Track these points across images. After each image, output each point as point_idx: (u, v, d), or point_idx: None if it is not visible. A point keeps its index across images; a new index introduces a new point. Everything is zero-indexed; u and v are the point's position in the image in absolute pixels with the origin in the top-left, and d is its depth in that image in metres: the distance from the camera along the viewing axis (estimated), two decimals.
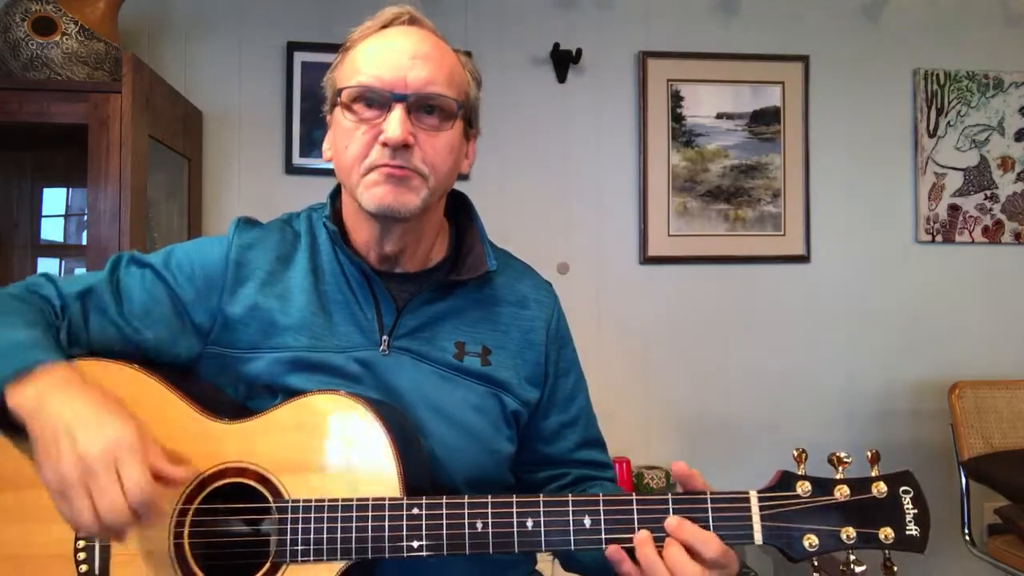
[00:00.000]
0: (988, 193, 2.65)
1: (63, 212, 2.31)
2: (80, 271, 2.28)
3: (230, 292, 1.02)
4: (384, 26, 0.99)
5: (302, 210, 1.11)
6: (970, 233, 2.64)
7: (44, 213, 2.28)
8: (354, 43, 1.00)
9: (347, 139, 0.97)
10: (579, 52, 2.45)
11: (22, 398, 0.83)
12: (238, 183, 2.39)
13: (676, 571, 0.82)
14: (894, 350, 2.61)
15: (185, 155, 2.21)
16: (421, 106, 0.96)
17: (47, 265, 2.30)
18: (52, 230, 2.30)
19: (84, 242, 2.09)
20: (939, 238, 2.63)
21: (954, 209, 2.64)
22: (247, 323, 1.00)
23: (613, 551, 0.84)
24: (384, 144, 0.94)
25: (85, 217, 2.11)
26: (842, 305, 2.60)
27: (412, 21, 1.01)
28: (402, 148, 0.94)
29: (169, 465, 0.84)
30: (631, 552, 0.85)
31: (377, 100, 0.95)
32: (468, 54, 1.02)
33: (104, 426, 0.80)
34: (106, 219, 1.80)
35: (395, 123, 0.93)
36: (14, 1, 1.90)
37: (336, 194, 1.08)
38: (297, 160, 2.38)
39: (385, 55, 0.95)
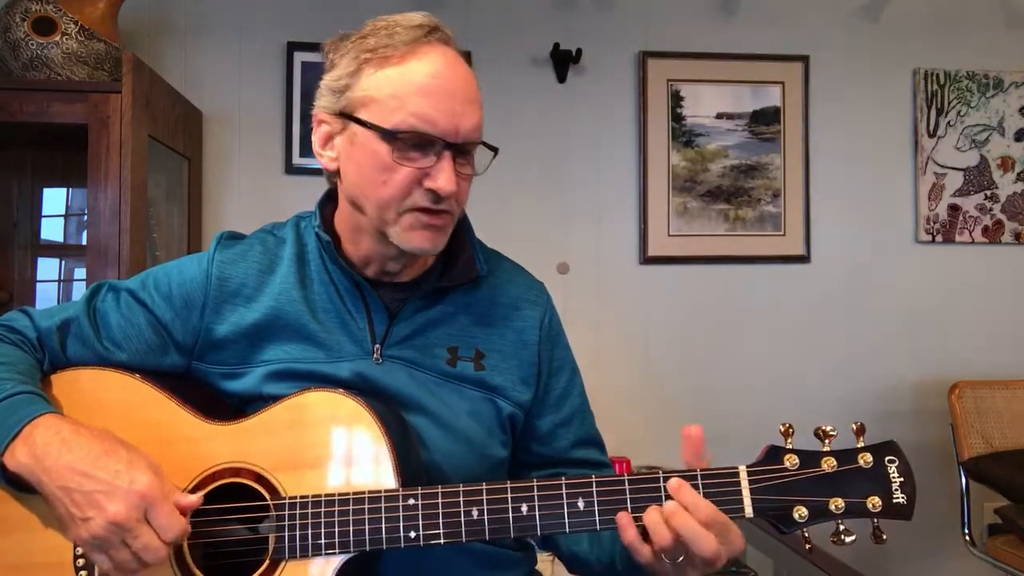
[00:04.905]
0: (988, 193, 2.65)
1: (63, 212, 2.31)
2: (78, 277, 2.29)
3: (213, 310, 1.01)
4: (416, 40, 0.93)
5: (288, 219, 1.10)
6: (970, 233, 2.64)
7: (44, 213, 2.28)
8: (387, 60, 0.93)
9: (384, 173, 0.93)
10: (579, 52, 2.45)
11: (18, 465, 0.85)
12: (238, 183, 2.39)
13: (680, 531, 0.82)
14: (894, 350, 2.61)
15: (185, 155, 2.21)
16: (463, 152, 0.96)
17: (47, 265, 2.30)
18: (52, 230, 2.30)
19: (84, 242, 2.09)
20: (939, 238, 2.63)
21: (954, 209, 2.64)
22: (235, 339, 1.00)
23: (622, 516, 0.85)
24: (431, 191, 0.93)
25: (85, 217, 2.11)
26: (842, 305, 2.60)
27: (446, 40, 0.96)
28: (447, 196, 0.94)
29: (183, 495, 0.87)
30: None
31: (428, 145, 0.93)
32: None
33: (121, 483, 0.82)
34: (106, 219, 1.80)
35: (449, 174, 0.93)
36: (14, 1, 1.90)
37: (325, 202, 1.06)
38: (297, 160, 2.38)
39: (438, 96, 0.92)
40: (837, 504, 0.85)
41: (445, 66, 0.93)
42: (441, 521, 0.87)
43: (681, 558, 0.83)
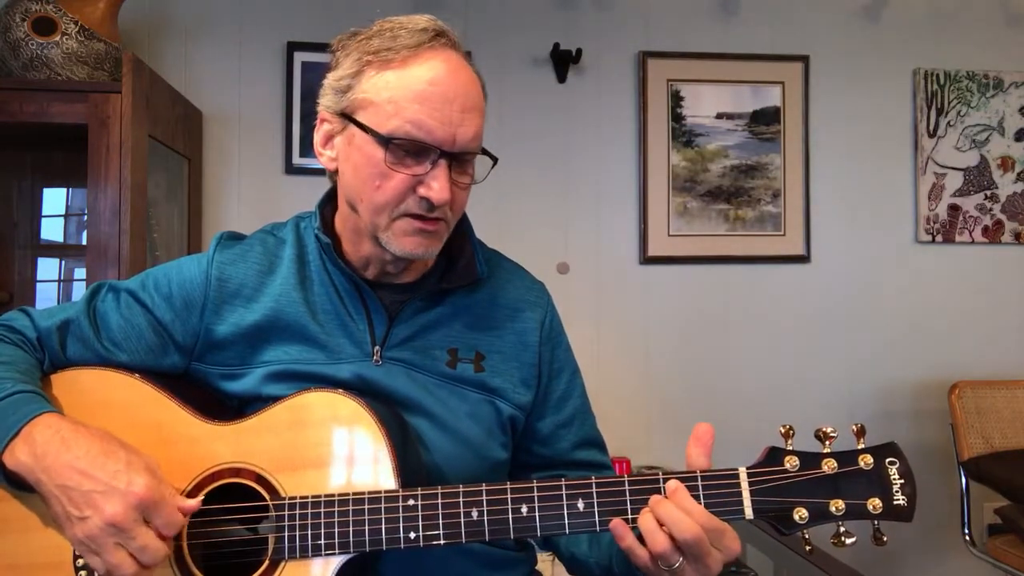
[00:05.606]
0: (988, 193, 2.65)
1: (63, 212, 2.31)
2: (78, 277, 2.29)
3: (213, 311, 1.01)
4: (419, 44, 0.92)
5: (288, 219, 1.10)
6: (970, 233, 2.64)
7: (44, 213, 2.28)
8: (388, 63, 0.92)
9: (378, 178, 0.93)
10: (579, 52, 2.45)
11: (17, 463, 0.85)
12: (238, 183, 2.39)
13: (673, 529, 0.82)
14: (894, 350, 2.61)
15: (185, 155, 2.21)
16: (461, 160, 0.95)
17: (47, 265, 2.30)
18: (52, 230, 2.30)
19: (84, 242, 2.09)
20: (939, 238, 2.63)
21: (954, 209, 2.64)
22: (234, 340, 1.00)
23: (617, 524, 0.85)
24: (425, 199, 0.93)
25: (85, 217, 2.11)
26: (842, 305, 2.60)
27: (450, 45, 0.95)
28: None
29: (181, 498, 0.87)
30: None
31: (423, 152, 0.92)
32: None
33: (119, 484, 0.82)
34: (106, 219, 1.80)
35: (443, 183, 0.92)
36: (14, 1, 1.90)
37: (324, 203, 1.06)
38: (297, 160, 2.38)
39: (436, 104, 0.91)
40: (837, 506, 0.85)
41: (446, 73, 0.92)
42: (441, 522, 0.86)
43: (677, 563, 0.83)
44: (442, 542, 0.86)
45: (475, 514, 0.87)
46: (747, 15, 2.57)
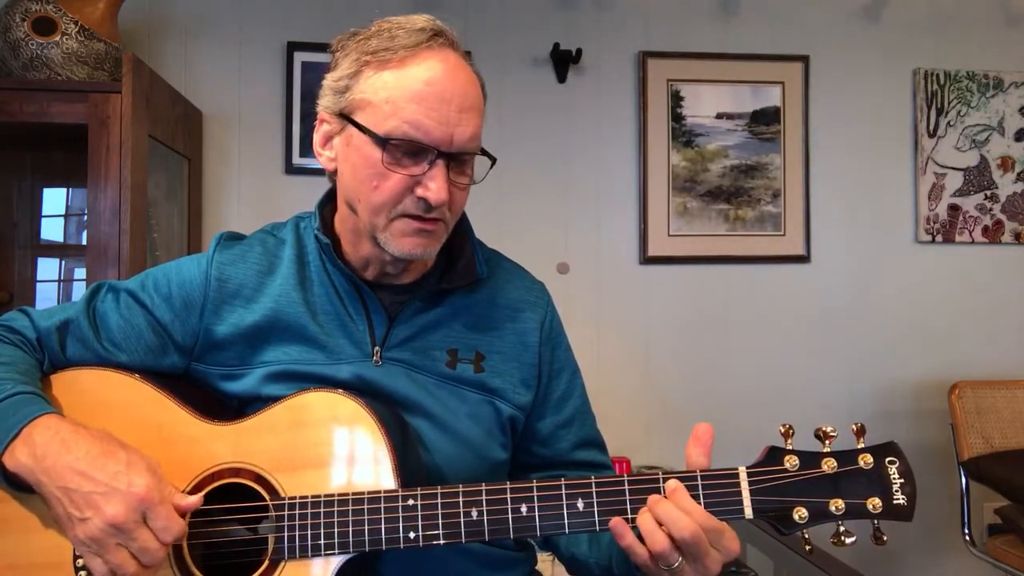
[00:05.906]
0: (988, 193, 2.65)
1: (63, 212, 2.31)
2: (78, 277, 2.29)
3: (212, 311, 1.01)
4: (417, 44, 0.92)
5: (288, 220, 1.10)
6: (970, 233, 2.64)
7: (44, 213, 2.28)
8: (386, 63, 0.92)
9: (376, 179, 0.93)
10: (579, 52, 2.45)
11: (17, 465, 0.85)
12: (238, 183, 2.39)
13: (671, 528, 0.82)
14: (894, 350, 2.61)
15: (185, 155, 2.21)
16: (459, 161, 0.95)
17: (47, 265, 2.30)
18: (52, 230, 2.30)
19: (84, 242, 2.09)
20: (939, 238, 2.63)
21: (954, 209, 2.64)
22: (234, 340, 1.00)
23: (616, 522, 0.85)
24: (422, 199, 0.92)
25: (85, 217, 2.11)
26: (842, 305, 2.60)
27: (449, 44, 0.94)
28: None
29: (181, 496, 0.87)
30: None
31: (420, 152, 0.92)
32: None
33: (120, 485, 0.83)
34: (106, 219, 1.80)
35: (440, 183, 0.92)
36: (14, 1, 1.90)
37: (324, 203, 1.05)
38: (297, 160, 2.38)
39: (433, 104, 0.90)
40: (837, 505, 0.85)
41: (443, 73, 0.92)
42: (440, 522, 0.87)
43: (676, 563, 0.83)
44: (442, 542, 0.87)
45: (475, 514, 0.87)
46: (747, 15, 2.57)
